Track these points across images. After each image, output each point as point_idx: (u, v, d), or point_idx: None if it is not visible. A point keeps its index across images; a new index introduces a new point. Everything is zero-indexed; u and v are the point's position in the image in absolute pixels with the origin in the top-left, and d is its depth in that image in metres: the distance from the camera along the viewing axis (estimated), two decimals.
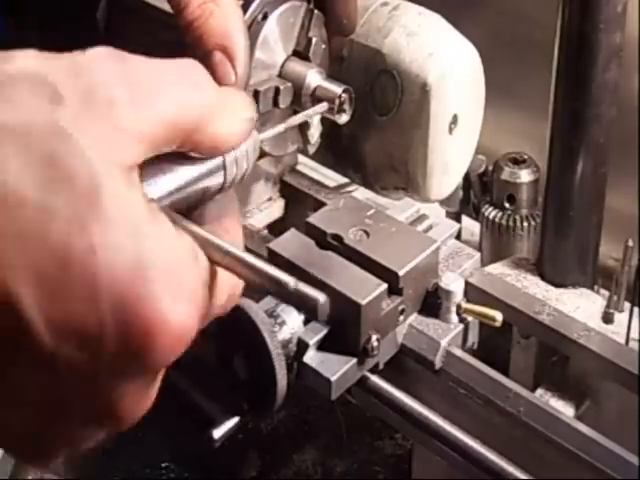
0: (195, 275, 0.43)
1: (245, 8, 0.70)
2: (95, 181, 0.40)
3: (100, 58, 0.44)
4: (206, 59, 0.58)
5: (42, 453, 0.45)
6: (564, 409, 0.73)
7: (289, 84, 0.74)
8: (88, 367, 0.40)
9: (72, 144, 0.40)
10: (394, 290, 0.65)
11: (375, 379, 0.68)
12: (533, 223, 0.87)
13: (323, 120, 0.77)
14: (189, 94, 0.46)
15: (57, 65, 0.42)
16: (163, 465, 1.07)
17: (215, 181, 0.49)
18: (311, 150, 0.80)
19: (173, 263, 0.42)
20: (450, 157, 0.81)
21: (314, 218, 0.69)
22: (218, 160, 0.49)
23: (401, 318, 0.67)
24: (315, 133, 0.78)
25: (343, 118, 0.76)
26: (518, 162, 0.87)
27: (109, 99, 0.42)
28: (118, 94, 0.43)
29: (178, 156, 0.46)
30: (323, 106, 0.73)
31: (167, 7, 0.67)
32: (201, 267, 0.44)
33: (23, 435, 0.43)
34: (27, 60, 0.42)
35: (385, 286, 0.65)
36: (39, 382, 0.41)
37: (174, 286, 0.41)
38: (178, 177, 0.46)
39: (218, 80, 0.58)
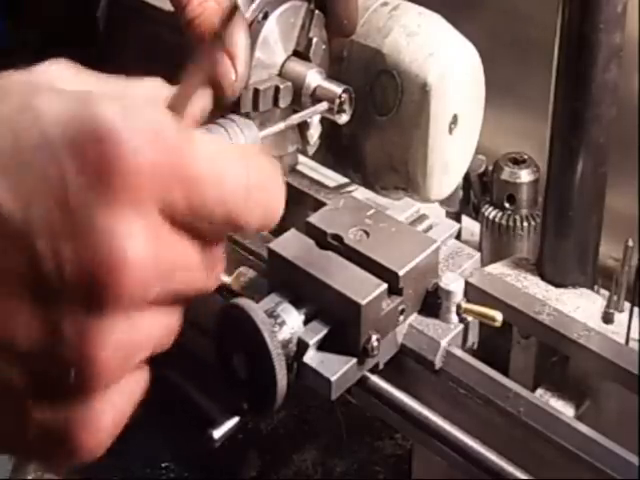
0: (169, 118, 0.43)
1: (245, 7, 0.70)
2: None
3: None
4: (207, 57, 0.58)
5: (61, 395, 0.42)
6: (564, 409, 0.73)
7: (289, 83, 0.74)
8: (61, 220, 0.39)
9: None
10: (394, 290, 0.65)
11: (375, 379, 0.68)
12: (533, 223, 0.87)
13: (323, 120, 0.77)
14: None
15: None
16: (163, 465, 1.07)
17: None
18: (310, 151, 0.80)
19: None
20: (450, 157, 0.81)
21: (314, 218, 0.69)
22: None
23: (401, 318, 0.67)
24: (315, 133, 0.78)
25: (343, 118, 0.76)
26: (518, 162, 0.87)
27: None
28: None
29: None
30: (323, 106, 0.73)
31: (167, 7, 0.67)
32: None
33: (28, 373, 0.41)
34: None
35: (385, 286, 0.65)
36: (22, 268, 0.40)
37: (120, 106, 0.41)
38: None
39: (218, 78, 0.58)
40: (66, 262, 0.39)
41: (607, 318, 0.75)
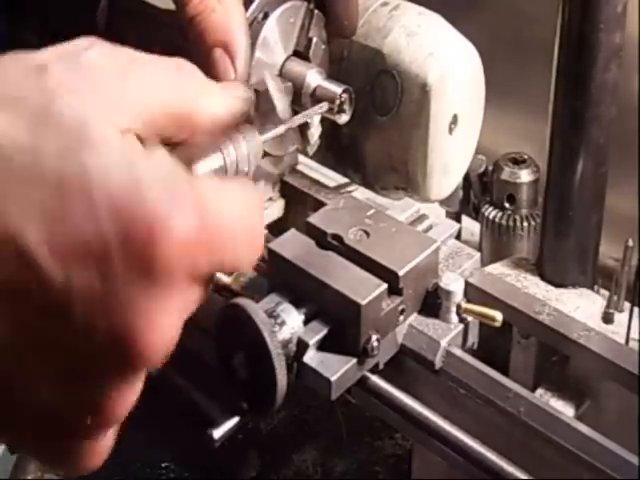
0: (190, 184, 0.43)
1: (246, 7, 0.70)
2: (83, 122, 0.41)
3: (86, 41, 0.45)
4: (207, 55, 0.58)
5: (72, 435, 0.44)
6: (564, 409, 0.73)
7: (289, 84, 0.74)
8: (100, 290, 0.40)
9: (60, 99, 0.41)
10: (394, 290, 0.65)
11: (375, 379, 0.68)
12: (533, 223, 0.87)
13: (323, 120, 0.77)
14: (179, 78, 0.47)
15: (40, 51, 0.43)
16: (163, 465, 1.07)
17: None
18: (310, 151, 0.80)
19: (166, 174, 0.42)
20: (450, 157, 0.81)
21: (314, 218, 0.69)
22: (219, 162, 0.49)
23: (401, 318, 0.67)
24: (315, 133, 0.78)
25: (343, 118, 0.76)
26: (518, 162, 0.87)
27: (95, 73, 0.43)
28: (105, 69, 0.43)
29: None
30: (323, 106, 0.73)
31: (167, 7, 0.67)
32: (197, 180, 0.45)
33: (45, 413, 0.42)
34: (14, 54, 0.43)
35: (385, 286, 0.65)
36: (55, 330, 0.40)
37: (169, 192, 0.41)
38: None
39: (218, 76, 0.58)
40: (98, 329, 0.40)
41: (607, 318, 0.75)
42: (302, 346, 0.64)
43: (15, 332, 0.40)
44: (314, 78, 0.75)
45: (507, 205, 0.87)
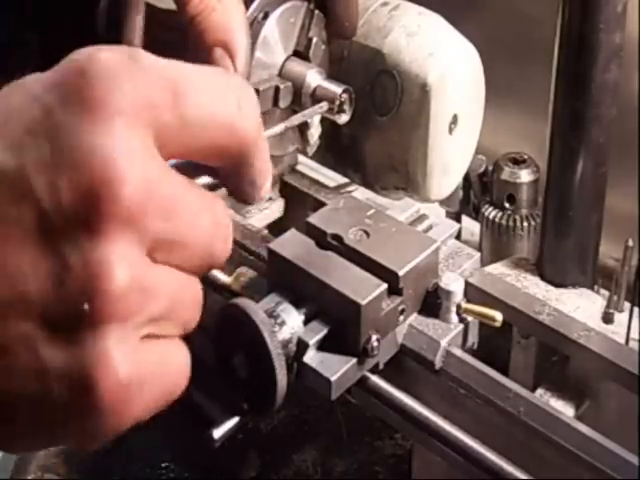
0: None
1: (246, 7, 0.70)
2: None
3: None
4: (207, 55, 0.58)
5: (75, 327, 0.41)
6: (564, 409, 0.73)
7: (289, 83, 0.74)
8: (50, 154, 0.40)
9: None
10: (394, 290, 0.65)
11: (375, 379, 0.68)
12: (533, 223, 0.87)
13: (323, 120, 0.77)
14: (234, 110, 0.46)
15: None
16: (163, 465, 1.07)
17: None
18: (310, 151, 0.80)
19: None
20: (450, 157, 0.81)
21: (314, 218, 0.69)
22: None
23: (401, 318, 0.67)
24: (315, 133, 0.78)
25: (343, 118, 0.76)
26: (518, 162, 0.87)
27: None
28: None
29: None
30: (323, 106, 0.73)
31: (167, 7, 0.67)
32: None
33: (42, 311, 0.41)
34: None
35: (385, 286, 0.65)
36: (20, 205, 0.40)
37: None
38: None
39: None
40: (64, 193, 0.40)
41: (607, 318, 0.75)
42: (302, 346, 0.64)
43: None
44: (314, 78, 0.75)
45: (507, 205, 0.87)
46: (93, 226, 0.40)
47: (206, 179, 0.49)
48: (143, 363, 0.43)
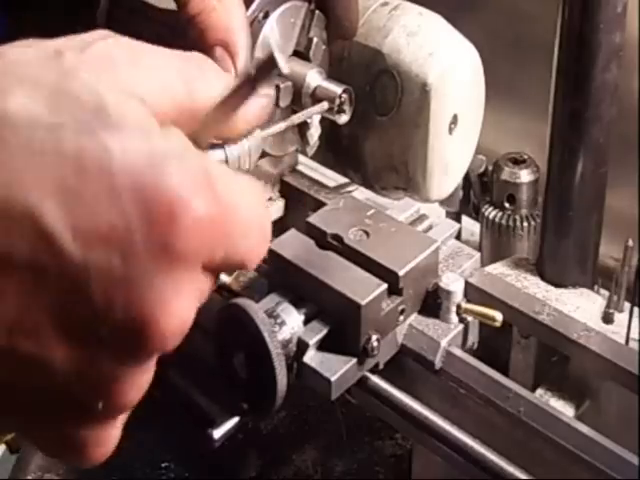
0: (209, 165, 0.43)
1: (246, 7, 0.70)
2: (102, 100, 0.41)
3: (100, 34, 0.45)
4: (207, 54, 0.58)
5: (82, 420, 0.44)
6: (564, 409, 0.73)
7: (289, 83, 0.74)
8: (120, 271, 0.40)
9: (77, 78, 0.41)
10: (394, 290, 0.65)
11: (375, 379, 0.68)
12: (533, 223, 0.87)
13: (323, 120, 0.77)
14: (196, 74, 0.47)
15: (54, 40, 0.44)
16: (163, 465, 1.07)
17: None
18: (310, 152, 0.80)
19: (186, 153, 0.42)
20: (450, 157, 0.81)
21: (314, 218, 0.69)
22: (221, 156, 0.49)
23: (401, 318, 0.67)
24: (314, 134, 0.78)
25: (343, 118, 0.76)
26: (518, 162, 0.87)
27: (110, 60, 0.43)
28: (119, 57, 0.44)
29: None
30: (323, 105, 0.73)
31: (167, 7, 0.67)
32: (211, 163, 0.45)
33: (55, 397, 0.42)
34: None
35: (385, 286, 0.65)
36: (71, 308, 0.40)
37: (190, 173, 0.41)
38: None
39: None
40: (116, 309, 0.40)
41: (607, 318, 0.75)
42: (302, 346, 0.64)
43: (31, 307, 0.40)
44: (314, 78, 0.75)
45: (507, 205, 0.87)
46: (131, 351, 0.42)
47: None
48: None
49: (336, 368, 0.64)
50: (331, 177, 0.92)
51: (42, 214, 0.39)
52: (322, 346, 0.64)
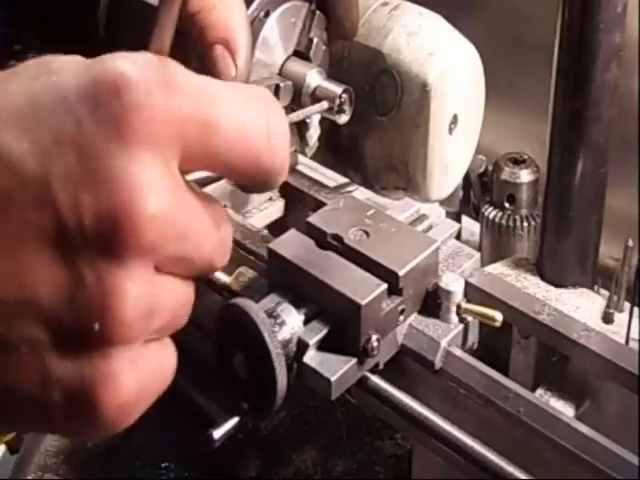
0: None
1: (247, 6, 0.70)
2: None
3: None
4: (207, 52, 0.58)
5: (81, 347, 0.42)
6: (564, 409, 0.73)
7: (289, 82, 0.74)
8: (79, 166, 0.40)
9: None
10: (394, 290, 0.65)
11: (375, 379, 0.68)
12: (533, 223, 0.87)
13: (323, 120, 0.77)
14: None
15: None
16: (163, 465, 1.07)
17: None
18: (309, 153, 0.80)
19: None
20: (450, 157, 0.81)
21: (314, 218, 0.69)
22: None
23: (401, 318, 0.67)
24: (314, 135, 0.78)
25: (343, 118, 0.76)
26: (518, 162, 0.87)
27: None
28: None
29: None
30: (323, 105, 0.73)
31: None
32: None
33: (50, 325, 0.41)
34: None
35: (385, 286, 0.64)
36: (43, 221, 0.40)
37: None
38: None
39: (218, 74, 0.58)
40: (87, 211, 0.40)
41: (607, 318, 0.75)
42: (302, 346, 0.64)
43: (7, 230, 0.40)
44: (314, 78, 0.75)
45: (507, 205, 0.87)
46: (112, 251, 0.41)
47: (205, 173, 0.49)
48: (143, 372, 0.44)
49: (336, 368, 0.64)
50: (331, 177, 0.92)
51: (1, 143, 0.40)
52: (322, 346, 0.64)
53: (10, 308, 0.41)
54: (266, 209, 0.89)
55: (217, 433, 0.62)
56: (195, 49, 0.59)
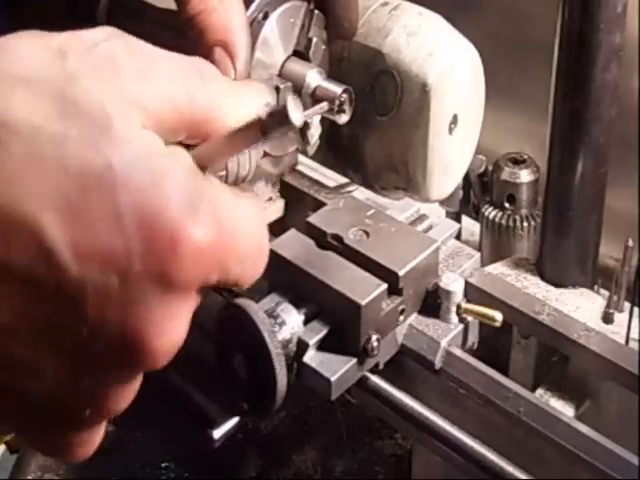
0: (209, 191, 0.43)
1: (246, 7, 0.70)
2: (106, 112, 0.40)
3: (105, 32, 0.44)
4: (207, 54, 0.58)
5: (70, 424, 0.45)
6: (564, 409, 0.73)
7: (289, 83, 0.74)
8: (117, 292, 0.40)
9: (81, 85, 0.40)
10: (394, 290, 0.65)
11: (375, 379, 0.68)
12: (533, 223, 0.87)
13: (323, 120, 0.77)
14: (197, 81, 0.46)
15: (59, 34, 0.43)
16: (163, 465, 1.07)
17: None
18: (310, 152, 0.80)
19: (190, 177, 0.42)
20: (450, 157, 0.81)
21: (314, 218, 0.69)
22: None
23: (401, 318, 0.67)
24: (315, 134, 0.78)
25: (343, 118, 0.75)
26: (518, 162, 0.87)
27: (114, 65, 0.42)
28: (123, 63, 0.43)
29: None
30: (323, 106, 0.73)
31: (167, 7, 0.67)
32: (215, 187, 0.44)
33: (47, 402, 0.43)
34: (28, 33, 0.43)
35: (385, 286, 0.65)
36: (66, 322, 0.40)
37: (193, 199, 0.41)
38: None
39: None
40: (110, 328, 0.40)
41: (607, 318, 0.75)
42: (302, 346, 0.64)
43: (26, 316, 0.40)
44: (314, 78, 0.75)
45: (507, 205, 0.87)
46: (124, 367, 0.43)
47: None
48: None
49: (336, 368, 0.64)
50: (331, 177, 0.92)
51: (42, 227, 0.38)
52: (322, 346, 0.64)
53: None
54: (266, 209, 0.89)
55: (217, 433, 0.62)
56: (195, 51, 0.59)
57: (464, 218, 0.96)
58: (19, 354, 0.41)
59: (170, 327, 0.42)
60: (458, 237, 0.79)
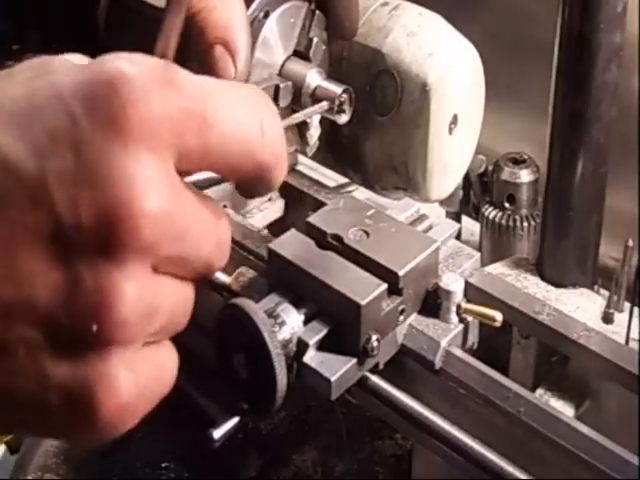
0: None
1: (246, 6, 0.70)
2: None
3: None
4: (207, 52, 0.58)
5: (78, 347, 0.42)
6: (564, 409, 0.73)
7: (289, 83, 0.74)
8: (75, 164, 0.40)
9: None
10: (394, 290, 0.65)
11: (375, 379, 0.68)
12: (533, 223, 0.87)
13: (323, 120, 0.77)
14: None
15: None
16: (163, 465, 1.07)
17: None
18: (309, 152, 0.80)
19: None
20: (450, 157, 0.81)
21: (314, 218, 0.69)
22: None
23: (401, 318, 0.67)
24: (314, 134, 0.78)
25: (343, 118, 0.76)
26: (518, 162, 0.87)
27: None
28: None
29: None
30: (323, 106, 0.73)
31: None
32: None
33: (46, 326, 0.41)
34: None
35: (385, 286, 0.65)
36: (40, 220, 0.40)
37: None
38: None
39: (217, 74, 0.58)
40: (84, 210, 0.40)
41: (607, 318, 0.75)
42: (302, 346, 0.64)
43: (3, 233, 0.40)
44: (314, 78, 0.75)
45: (507, 205, 0.87)
46: (110, 251, 0.41)
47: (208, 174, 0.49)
48: (142, 375, 0.44)
49: (336, 368, 0.64)
50: (331, 177, 0.92)
51: None
52: (322, 346, 0.64)
53: (6, 309, 0.41)
54: (266, 209, 0.89)
55: (217, 433, 0.62)
56: (195, 49, 0.59)
57: (464, 218, 0.97)
58: (7, 269, 0.40)
59: (141, 184, 0.40)
60: (458, 237, 0.79)
